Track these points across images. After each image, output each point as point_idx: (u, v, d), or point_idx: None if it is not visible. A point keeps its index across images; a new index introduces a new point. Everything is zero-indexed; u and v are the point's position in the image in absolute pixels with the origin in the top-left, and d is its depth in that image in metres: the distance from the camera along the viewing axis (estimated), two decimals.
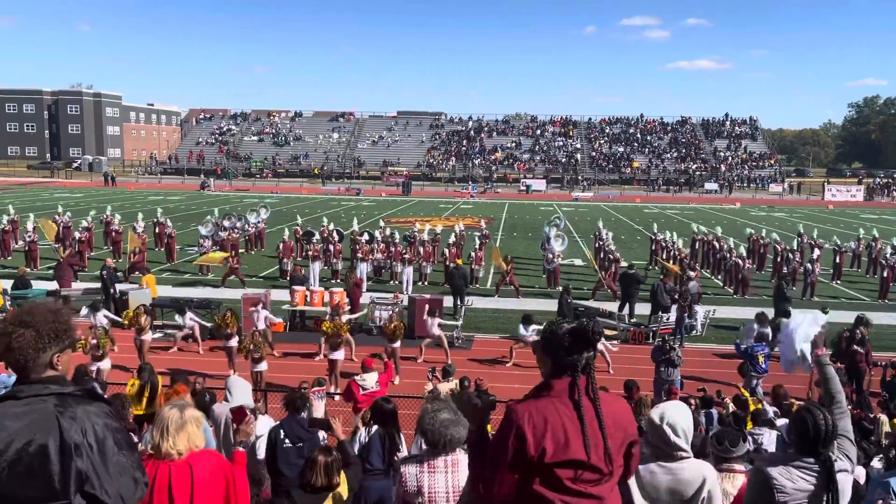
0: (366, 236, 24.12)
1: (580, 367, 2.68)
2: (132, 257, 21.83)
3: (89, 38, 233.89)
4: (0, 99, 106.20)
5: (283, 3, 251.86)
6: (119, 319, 14.56)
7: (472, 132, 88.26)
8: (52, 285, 18.52)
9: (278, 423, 6.96)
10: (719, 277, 23.89)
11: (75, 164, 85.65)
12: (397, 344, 13.63)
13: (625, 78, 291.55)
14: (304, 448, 6.47)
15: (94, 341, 11.79)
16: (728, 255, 22.90)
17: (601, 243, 25.13)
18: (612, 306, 18.65)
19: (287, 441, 6.50)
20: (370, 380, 9.58)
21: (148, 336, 13.74)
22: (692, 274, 19.55)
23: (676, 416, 3.26)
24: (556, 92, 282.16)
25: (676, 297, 17.02)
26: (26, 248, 23.36)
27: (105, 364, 11.82)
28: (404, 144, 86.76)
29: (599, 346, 14.27)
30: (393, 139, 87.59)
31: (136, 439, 6.06)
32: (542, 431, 2.57)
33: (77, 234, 24.40)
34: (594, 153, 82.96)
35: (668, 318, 16.69)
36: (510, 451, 2.60)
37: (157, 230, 26.94)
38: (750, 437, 6.76)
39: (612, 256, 22.60)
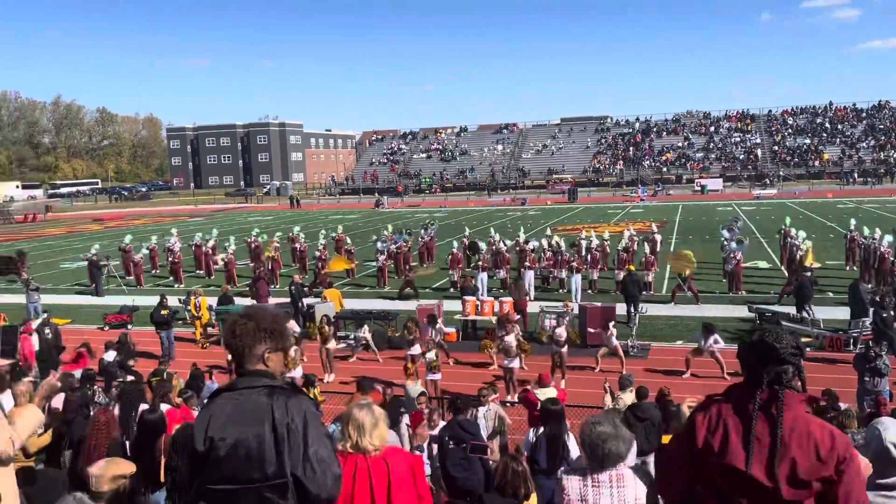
0: (531, 245, 24.09)
1: (767, 380, 2.55)
2: (321, 269, 23.42)
3: (273, 73, 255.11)
4: (201, 134, 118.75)
5: (444, 21, 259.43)
6: (304, 331, 15.66)
7: (639, 133, 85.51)
8: (251, 301, 20.27)
9: (443, 425, 7.14)
10: None
11: (265, 190, 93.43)
12: (564, 349, 13.46)
13: (808, 64, 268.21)
14: (466, 449, 6.65)
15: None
16: None
17: (789, 241, 23.24)
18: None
19: (451, 443, 6.68)
20: (548, 394, 9.47)
21: (332, 345, 14.64)
22: None
23: None
24: (729, 85, 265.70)
25: (877, 299, 15.30)
26: (225, 268, 25.75)
27: (297, 372, 12.71)
28: (569, 151, 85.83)
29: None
30: (557, 147, 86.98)
31: None
32: (712, 428, 2.58)
33: (269, 254, 26.57)
34: (776, 147, 77.11)
35: (869, 323, 15.04)
36: (682, 444, 2.67)
37: (336, 247, 28.66)
38: None
39: (801, 257, 20.78)
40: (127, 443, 6.02)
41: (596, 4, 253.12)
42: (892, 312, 14.62)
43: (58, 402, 7.63)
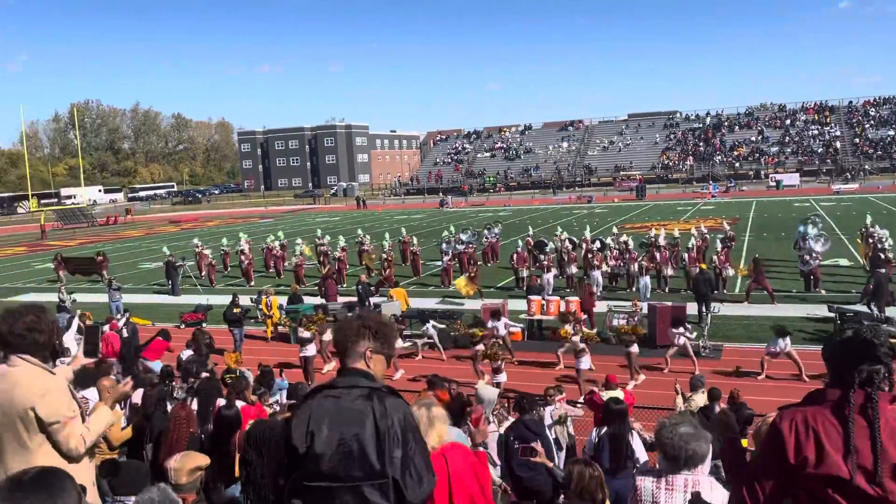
0: (597, 244, 23.75)
1: (858, 380, 2.40)
2: (384, 271, 23.70)
3: (341, 76, 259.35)
4: (271, 138, 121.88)
5: (507, 20, 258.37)
6: None
7: (710, 128, 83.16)
8: (320, 300, 20.68)
9: (508, 425, 7.12)
10: None
11: (332, 191, 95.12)
12: (634, 348, 13.21)
13: (889, 52, 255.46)
14: (518, 452, 6.65)
15: None
16: None
17: (872, 240, 22.18)
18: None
19: (516, 443, 6.66)
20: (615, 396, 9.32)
21: (398, 344, 14.80)
22: None
23: None
24: (804, 77, 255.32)
25: None
26: (294, 268, 26.32)
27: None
28: (636, 147, 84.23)
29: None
30: (624, 143, 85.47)
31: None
32: (803, 439, 2.40)
33: (336, 254, 27.04)
34: (857, 140, 73.72)
35: None
36: (768, 457, 2.50)
37: (402, 248, 28.94)
38: None
39: (885, 255, 19.78)
40: (203, 437, 6.23)
41: None
42: None
43: (137, 397, 7.97)
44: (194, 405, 6.89)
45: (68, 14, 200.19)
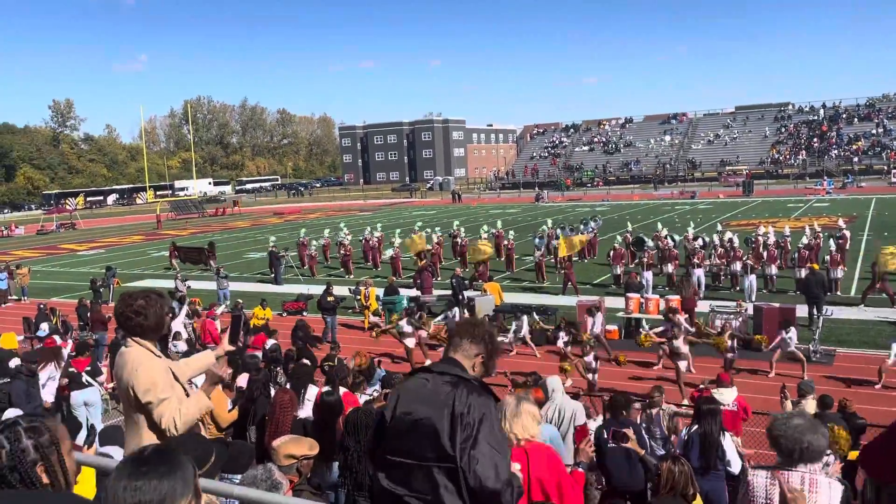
0: (700, 241, 22.90)
1: None
2: (480, 267, 23.75)
3: (439, 71, 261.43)
4: (370, 132, 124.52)
5: (605, 14, 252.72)
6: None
7: (826, 121, 78.45)
8: (416, 292, 20.98)
9: (602, 423, 6.99)
10: None
11: (428, 185, 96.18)
12: (730, 355, 12.73)
13: None
14: (629, 448, 6.50)
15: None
16: None
17: None
18: None
19: (610, 441, 6.53)
20: (728, 396, 8.97)
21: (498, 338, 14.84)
22: None
23: None
24: None
25: None
26: (391, 260, 26.81)
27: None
28: (744, 141, 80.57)
29: None
30: (731, 136, 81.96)
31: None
32: None
33: (429, 247, 27.34)
34: None
35: None
36: None
37: (496, 241, 28.90)
38: None
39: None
40: (307, 422, 6.47)
41: None
42: None
43: (242, 381, 8.35)
44: (312, 392, 7.17)
45: (183, 15, 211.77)
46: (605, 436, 6.61)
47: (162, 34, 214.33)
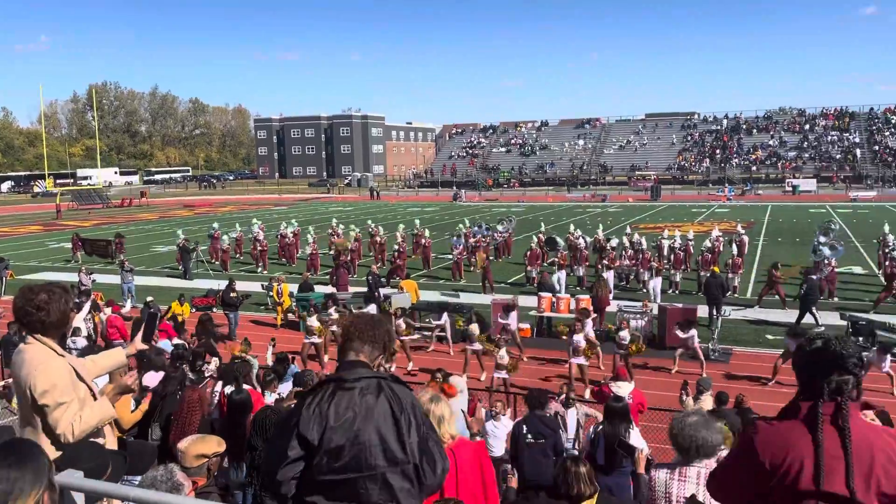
0: (612, 243, 23.67)
1: (826, 392, 2.40)
2: (396, 261, 23.70)
3: (359, 66, 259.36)
4: (287, 126, 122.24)
5: (525, 17, 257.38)
6: None
7: (728, 131, 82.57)
8: (331, 289, 20.74)
9: (521, 419, 7.11)
10: None
11: (346, 181, 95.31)
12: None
13: None
14: (545, 445, 6.60)
15: None
16: None
17: (888, 250, 21.95)
18: None
19: (529, 436, 6.65)
20: (625, 389, 9.31)
21: (407, 337, 14.84)
22: None
23: None
24: (826, 82, 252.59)
25: None
26: (308, 256, 26.42)
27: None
28: (653, 147, 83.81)
29: (886, 367, 12.50)
30: (641, 143, 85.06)
31: None
32: (780, 457, 2.38)
33: (349, 245, 27.09)
34: (877, 147, 72.98)
35: None
36: (743, 469, 2.49)
37: (414, 239, 28.96)
38: None
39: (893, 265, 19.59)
40: (214, 420, 6.29)
41: None
42: None
43: (147, 380, 8.03)
44: (218, 387, 6.95)
45: None
46: (524, 431, 6.74)
47: (64, 13, 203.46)
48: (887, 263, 20.98)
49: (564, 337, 14.11)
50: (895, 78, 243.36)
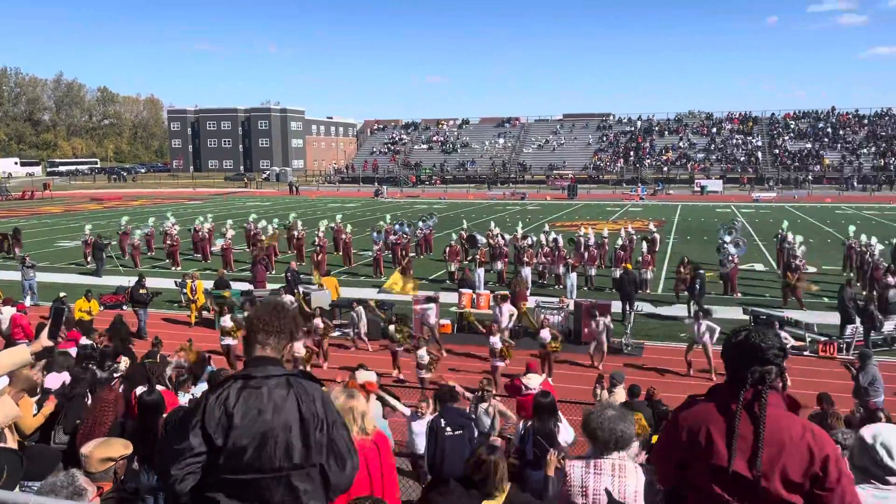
0: (529, 241, 24.12)
1: (751, 380, 2.58)
2: (316, 257, 23.39)
3: (276, 58, 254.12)
4: (202, 118, 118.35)
5: (452, 14, 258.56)
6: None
7: (641, 132, 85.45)
8: (248, 286, 20.28)
9: (437, 413, 7.19)
10: None
11: (264, 175, 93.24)
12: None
13: (813, 69, 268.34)
14: (465, 435, 6.77)
15: None
16: None
17: (786, 246, 23.28)
18: (803, 315, 17.28)
19: (449, 429, 6.73)
20: (535, 381, 9.54)
21: (332, 334, 14.73)
22: (891, 280, 17.62)
23: (892, 438, 2.92)
24: (733, 87, 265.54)
25: (862, 305, 15.47)
26: (222, 252, 25.72)
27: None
28: (570, 147, 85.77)
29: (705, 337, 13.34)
30: (558, 142, 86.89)
31: None
32: (695, 432, 2.61)
33: (268, 241, 26.56)
34: (777, 150, 77.15)
35: (858, 329, 15.17)
36: (666, 445, 2.78)
37: (335, 235, 28.67)
38: None
39: (797, 262, 20.81)
40: (124, 424, 6.05)
41: (602, 1, 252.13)
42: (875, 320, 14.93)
43: (50, 381, 7.64)
44: (121, 389, 6.68)
45: None
46: (443, 424, 6.81)
47: None
48: (785, 260, 22.23)
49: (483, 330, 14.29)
50: (795, 85, 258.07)
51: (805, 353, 14.97)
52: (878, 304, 15.76)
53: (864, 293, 18.32)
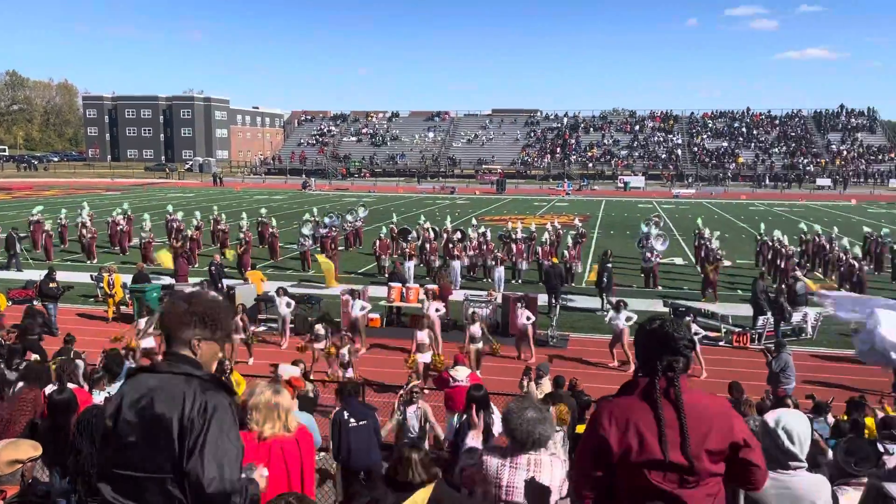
0: (458, 234, 24.24)
1: (660, 368, 2.67)
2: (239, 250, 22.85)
3: (200, 46, 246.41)
4: (120, 105, 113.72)
5: (383, 5, 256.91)
6: None
7: (567, 129, 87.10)
8: (169, 280, 19.64)
9: (340, 406, 7.19)
10: (833, 278, 22.52)
11: (187, 166, 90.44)
12: (480, 345, 13.60)
13: (729, 71, 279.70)
14: (368, 425, 6.90)
15: None
16: (843, 255, 21.47)
17: (703, 241, 24.21)
18: (718, 307, 18.01)
19: (352, 420, 6.79)
20: (462, 373, 9.66)
21: (250, 328, 14.41)
22: (798, 274, 18.60)
23: (793, 423, 3.07)
24: (655, 87, 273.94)
25: (772, 297, 16.29)
26: (141, 246, 24.79)
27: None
28: (499, 142, 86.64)
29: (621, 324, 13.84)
30: (487, 137, 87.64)
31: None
32: (623, 430, 2.63)
33: (189, 233, 25.77)
34: (696, 149, 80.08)
35: (769, 321, 15.94)
36: (591, 449, 2.72)
37: (259, 229, 28.07)
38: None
39: (714, 255, 21.70)
40: (35, 423, 5.76)
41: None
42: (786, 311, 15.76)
43: None
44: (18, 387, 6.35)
45: None
46: (346, 416, 6.86)
47: None
48: (703, 254, 23.14)
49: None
50: (713, 85, 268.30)
51: (720, 343, 15.63)
52: (787, 296, 16.58)
53: (775, 286, 19.23)
